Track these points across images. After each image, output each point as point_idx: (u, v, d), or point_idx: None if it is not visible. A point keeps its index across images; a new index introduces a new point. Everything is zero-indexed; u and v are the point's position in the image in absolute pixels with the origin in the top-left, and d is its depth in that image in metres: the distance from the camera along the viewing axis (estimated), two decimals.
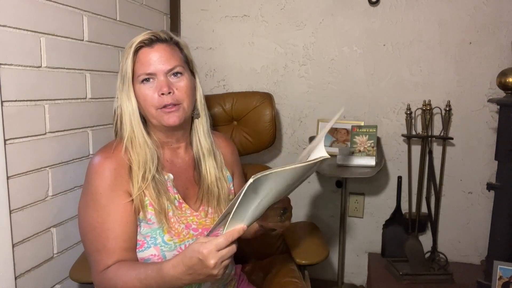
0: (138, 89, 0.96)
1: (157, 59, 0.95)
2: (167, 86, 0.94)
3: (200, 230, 0.99)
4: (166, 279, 0.79)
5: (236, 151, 1.22)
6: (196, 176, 1.06)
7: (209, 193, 1.04)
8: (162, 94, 0.94)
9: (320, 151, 0.80)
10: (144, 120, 1.01)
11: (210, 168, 1.05)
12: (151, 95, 0.95)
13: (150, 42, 0.97)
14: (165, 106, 0.94)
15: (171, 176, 1.00)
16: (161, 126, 0.98)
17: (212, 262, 0.72)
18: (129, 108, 0.96)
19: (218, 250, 0.73)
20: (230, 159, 1.16)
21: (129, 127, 0.96)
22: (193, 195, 1.04)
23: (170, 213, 0.96)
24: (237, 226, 0.74)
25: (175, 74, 0.97)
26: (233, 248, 0.75)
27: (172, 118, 0.95)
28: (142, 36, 0.98)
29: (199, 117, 1.06)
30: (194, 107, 1.03)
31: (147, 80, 0.95)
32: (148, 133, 1.00)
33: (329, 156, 0.81)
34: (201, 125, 1.06)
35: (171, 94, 0.94)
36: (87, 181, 0.94)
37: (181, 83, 0.97)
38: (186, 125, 1.04)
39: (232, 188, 1.13)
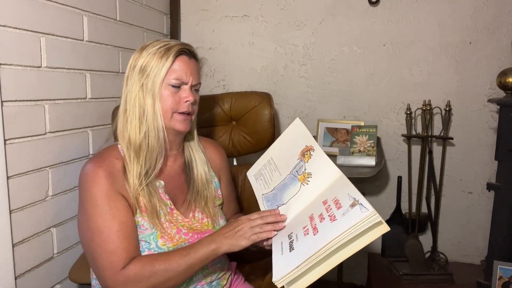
0: (164, 90, 0.98)
1: (192, 70, 1.01)
2: (193, 96, 1.01)
3: (190, 234, 1.01)
4: (202, 242, 0.92)
5: (225, 157, 1.24)
6: (186, 181, 1.09)
7: (198, 195, 1.08)
8: (187, 101, 1.00)
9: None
10: None
11: (201, 171, 1.11)
12: (177, 99, 0.99)
13: (189, 52, 1.02)
14: (182, 113, 1.00)
15: (162, 182, 1.03)
16: (169, 130, 1.01)
17: (243, 222, 0.90)
18: (150, 105, 0.98)
19: (251, 220, 0.91)
20: (219, 164, 1.19)
21: (151, 125, 0.98)
22: (182, 201, 1.06)
23: (162, 218, 0.98)
24: (286, 211, 0.92)
25: (196, 89, 1.04)
26: (267, 222, 0.90)
27: (184, 125, 1.01)
28: (180, 44, 1.01)
29: (194, 130, 1.13)
30: None
31: (177, 85, 0.99)
32: None
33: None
34: (193, 133, 1.12)
35: (192, 104, 1.01)
36: (85, 190, 0.94)
37: (197, 97, 1.05)
38: (183, 136, 1.10)
39: (220, 194, 1.15)
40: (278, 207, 0.95)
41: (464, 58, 1.72)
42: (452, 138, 1.73)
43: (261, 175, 1.07)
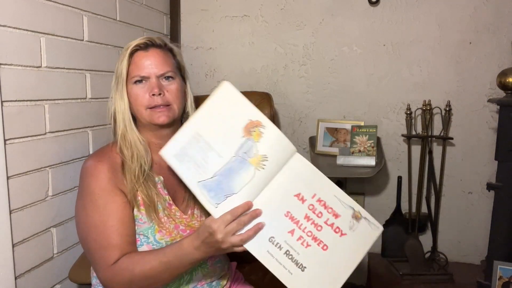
0: (131, 89, 1.01)
1: (151, 63, 1.00)
2: (158, 87, 0.99)
3: (188, 231, 1.01)
4: (185, 251, 0.85)
5: None
6: None
7: None
8: (153, 95, 0.99)
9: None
10: (135, 121, 1.05)
11: None
12: (142, 95, 1.00)
13: (145, 46, 1.02)
14: (155, 107, 0.99)
15: (162, 178, 1.03)
16: (150, 125, 1.02)
17: (219, 236, 0.79)
18: (121, 107, 1.01)
19: (226, 226, 0.79)
20: None
21: (122, 125, 1.01)
22: (181, 197, 1.06)
23: (161, 213, 0.99)
24: (242, 202, 0.81)
25: (167, 78, 1.02)
26: (242, 220, 0.80)
27: (162, 118, 1.00)
28: (138, 40, 1.03)
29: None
30: (184, 111, 1.09)
31: (139, 81, 1.00)
32: (140, 132, 1.04)
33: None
34: None
35: (161, 95, 1.00)
36: (83, 184, 0.96)
37: (172, 86, 1.02)
38: (175, 126, 1.08)
39: None
40: (227, 197, 0.82)
41: (464, 58, 1.72)
42: (452, 138, 1.73)
43: (188, 156, 0.86)
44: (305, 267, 0.78)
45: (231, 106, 0.86)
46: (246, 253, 0.93)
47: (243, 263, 1.44)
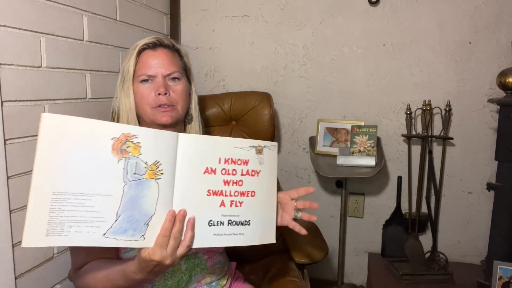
0: (137, 88, 1.01)
1: (158, 62, 1.01)
2: (164, 87, 0.99)
3: None
4: (132, 279, 0.81)
5: None
6: None
7: None
8: (159, 94, 0.99)
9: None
10: (139, 120, 1.05)
11: None
12: (148, 94, 1.00)
13: (153, 45, 1.03)
14: (160, 106, 0.99)
15: None
16: (153, 124, 1.02)
17: (168, 262, 0.74)
18: (127, 106, 1.01)
19: (166, 248, 0.74)
20: None
21: (125, 123, 1.01)
22: None
23: None
24: (165, 217, 0.75)
25: (173, 78, 1.03)
26: (176, 232, 0.74)
27: (165, 117, 1.00)
28: (146, 40, 1.03)
29: (191, 122, 1.12)
30: (187, 112, 1.09)
31: (146, 80, 1.00)
32: None
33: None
34: (194, 130, 1.12)
35: (167, 95, 1.00)
36: None
37: (178, 86, 1.03)
38: (179, 128, 1.09)
39: None
40: (147, 223, 0.73)
41: (464, 58, 1.72)
42: (452, 138, 1.73)
43: (66, 222, 0.66)
44: (249, 221, 0.84)
45: (73, 137, 0.70)
46: (246, 252, 0.93)
47: (243, 263, 1.44)
